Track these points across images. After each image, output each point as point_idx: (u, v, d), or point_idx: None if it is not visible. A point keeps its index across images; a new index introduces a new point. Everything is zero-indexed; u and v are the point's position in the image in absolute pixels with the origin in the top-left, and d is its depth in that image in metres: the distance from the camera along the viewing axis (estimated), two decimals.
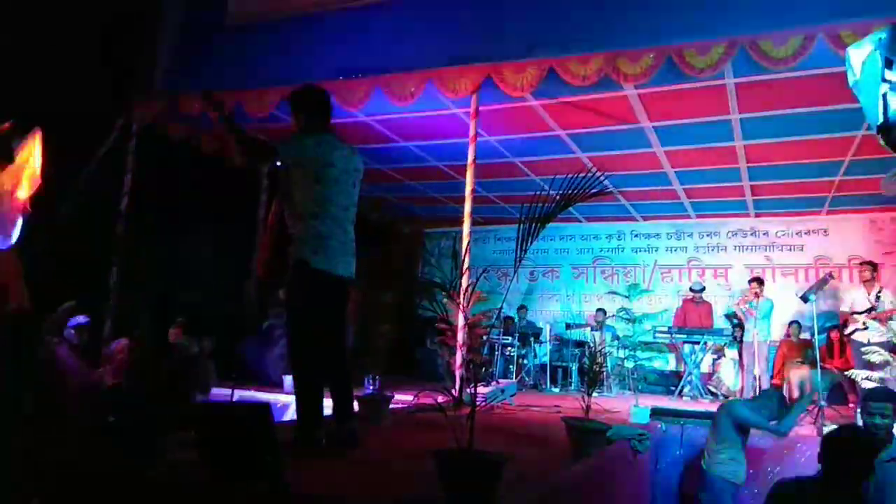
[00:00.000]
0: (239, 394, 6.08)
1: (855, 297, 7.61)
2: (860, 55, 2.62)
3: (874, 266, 7.74)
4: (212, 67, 7.18)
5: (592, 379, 4.15)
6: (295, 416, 3.16)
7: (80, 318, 6.39)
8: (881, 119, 2.45)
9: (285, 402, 6.49)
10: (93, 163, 7.10)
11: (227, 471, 2.33)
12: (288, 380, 7.23)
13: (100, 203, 7.21)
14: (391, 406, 4.77)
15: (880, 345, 6.68)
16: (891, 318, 7.06)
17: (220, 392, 6.35)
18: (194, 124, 7.69)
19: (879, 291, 7.27)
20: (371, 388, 4.73)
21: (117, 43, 7.41)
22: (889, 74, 2.41)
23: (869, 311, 7.23)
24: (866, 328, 7.22)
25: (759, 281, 8.64)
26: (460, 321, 5.86)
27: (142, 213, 7.46)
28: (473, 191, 6.35)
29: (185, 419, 2.64)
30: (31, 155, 3.88)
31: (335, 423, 3.25)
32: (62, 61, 6.67)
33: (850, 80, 2.74)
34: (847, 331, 7.53)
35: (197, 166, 8.04)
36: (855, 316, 7.47)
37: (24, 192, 3.84)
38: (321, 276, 3.17)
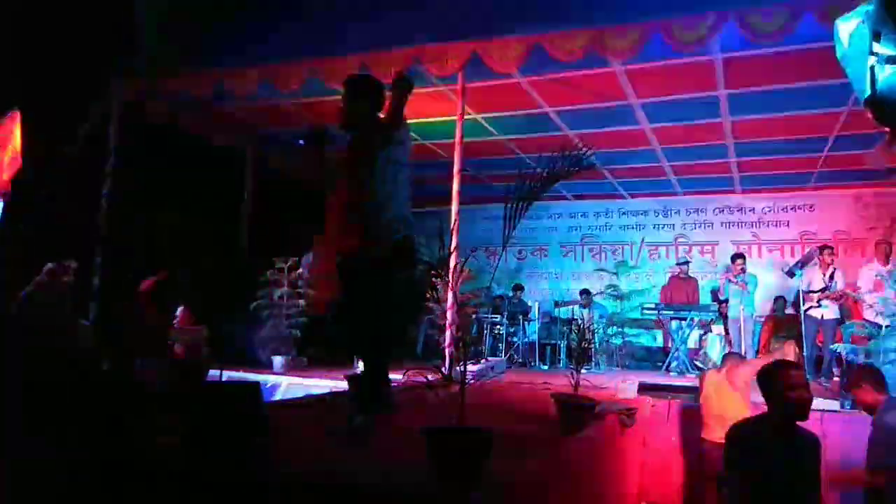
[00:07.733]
0: (228, 374, 6.06)
1: (812, 276, 7.78)
2: (848, 28, 2.61)
3: (830, 248, 7.89)
4: (196, 45, 7.04)
5: (581, 356, 4.18)
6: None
7: None
8: (869, 92, 2.44)
9: (274, 383, 6.50)
10: (74, 143, 6.98)
11: (212, 451, 2.30)
12: (277, 360, 7.25)
13: (83, 185, 7.11)
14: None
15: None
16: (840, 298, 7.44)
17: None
18: (177, 103, 7.57)
19: (833, 272, 7.44)
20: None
21: (99, 21, 7.25)
22: (877, 47, 2.39)
23: (823, 290, 7.41)
24: (819, 306, 7.51)
25: (742, 256, 8.73)
26: (449, 300, 5.86)
27: (126, 194, 7.35)
28: (461, 169, 6.31)
29: (173, 401, 2.62)
30: (11, 137, 3.81)
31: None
32: (42, 41, 6.53)
33: (839, 53, 2.72)
34: (804, 307, 7.68)
35: (180, 145, 7.94)
36: (811, 294, 7.68)
37: (4, 174, 3.77)
38: None
